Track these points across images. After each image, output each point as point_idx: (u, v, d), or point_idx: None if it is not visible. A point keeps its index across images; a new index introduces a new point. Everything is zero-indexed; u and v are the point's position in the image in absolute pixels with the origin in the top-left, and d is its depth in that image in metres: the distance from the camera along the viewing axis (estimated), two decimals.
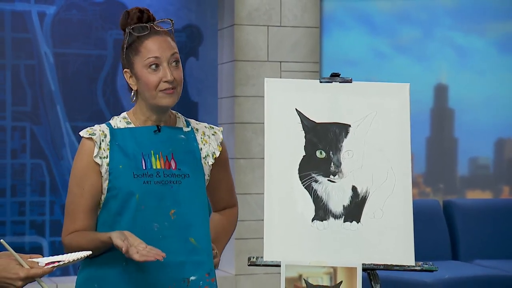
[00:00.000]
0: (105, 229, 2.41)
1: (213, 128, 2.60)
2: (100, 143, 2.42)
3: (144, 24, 2.45)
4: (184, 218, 2.44)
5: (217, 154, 2.55)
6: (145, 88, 2.43)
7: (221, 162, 2.58)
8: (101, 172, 2.41)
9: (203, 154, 2.53)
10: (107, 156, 2.41)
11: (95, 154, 2.40)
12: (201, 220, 2.48)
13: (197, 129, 2.56)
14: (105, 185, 2.42)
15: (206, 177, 2.53)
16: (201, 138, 2.55)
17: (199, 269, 2.45)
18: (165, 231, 2.42)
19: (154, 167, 2.43)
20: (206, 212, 2.51)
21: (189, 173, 2.47)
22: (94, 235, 2.38)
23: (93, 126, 2.47)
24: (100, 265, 2.42)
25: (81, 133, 2.44)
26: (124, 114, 2.52)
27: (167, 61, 2.43)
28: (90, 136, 2.42)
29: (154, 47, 2.43)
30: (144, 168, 2.42)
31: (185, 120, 2.58)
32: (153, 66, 2.42)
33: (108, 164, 2.41)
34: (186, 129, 2.54)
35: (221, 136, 2.59)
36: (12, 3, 5.77)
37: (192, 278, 2.44)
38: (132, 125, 2.48)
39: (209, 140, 2.56)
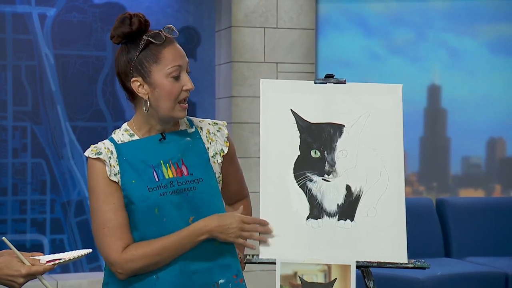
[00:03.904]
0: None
1: (217, 124, 2.49)
2: (109, 161, 2.31)
3: (157, 31, 2.33)
4: None
5: (225, 150, 2.45)
6: (164, 98, 2.31)
7: (229, 157, 2.48)
8: (120, 187, 2.32)
9: (210, 154, 2.42)
10: (118, 172, 2.31)
11: (108, 173, 2.30)
12: None
13: (201, 128, 2.45)
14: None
15: (218, 175, 2.43)
16: (206, 137, 2.44)
17: (227, 271, 2.38)
18: None
19: (167, 177, 2.33)
20: (223, 212, 2.40)
21: (201, 177, 2.37)
22: (171, 236, 2.30)
23: (97, 144, 2.36)
24: (130, 281, 2.34)
25: (87, 154, 2.34)
26: (125, 126, 2.40)
27: (185, 70, 2.35)
28: (97, 156, 2.32)
29: (175, 55, 2.32)
30: (157, 180, 2.32)
31: (188, 120, 2.46)
32: (175, 75, 2.31)
33: (120, 180, 2.32)
34: (190, 130, 2.43)
35: (226, 131, 2.48)
36: (13, 5, 5.76)
37: (221, 281, 2.37)
38: (135, 137, 2.37)
39: (215, 138, 2.45)
